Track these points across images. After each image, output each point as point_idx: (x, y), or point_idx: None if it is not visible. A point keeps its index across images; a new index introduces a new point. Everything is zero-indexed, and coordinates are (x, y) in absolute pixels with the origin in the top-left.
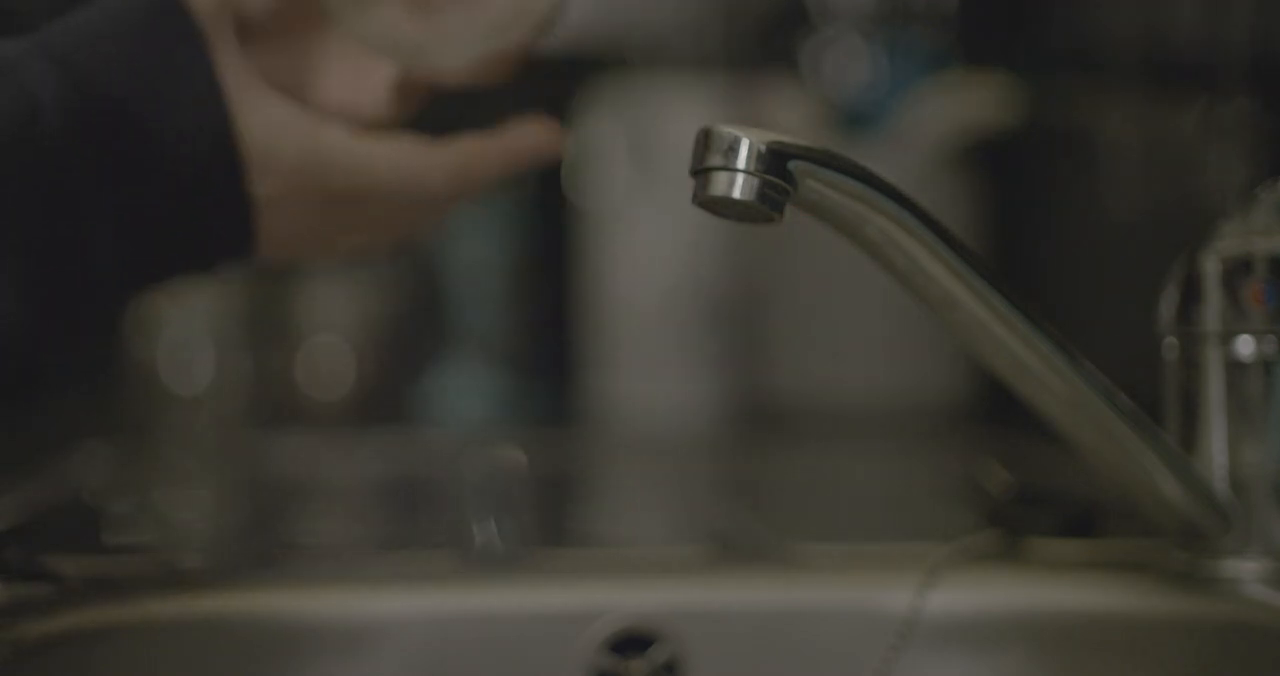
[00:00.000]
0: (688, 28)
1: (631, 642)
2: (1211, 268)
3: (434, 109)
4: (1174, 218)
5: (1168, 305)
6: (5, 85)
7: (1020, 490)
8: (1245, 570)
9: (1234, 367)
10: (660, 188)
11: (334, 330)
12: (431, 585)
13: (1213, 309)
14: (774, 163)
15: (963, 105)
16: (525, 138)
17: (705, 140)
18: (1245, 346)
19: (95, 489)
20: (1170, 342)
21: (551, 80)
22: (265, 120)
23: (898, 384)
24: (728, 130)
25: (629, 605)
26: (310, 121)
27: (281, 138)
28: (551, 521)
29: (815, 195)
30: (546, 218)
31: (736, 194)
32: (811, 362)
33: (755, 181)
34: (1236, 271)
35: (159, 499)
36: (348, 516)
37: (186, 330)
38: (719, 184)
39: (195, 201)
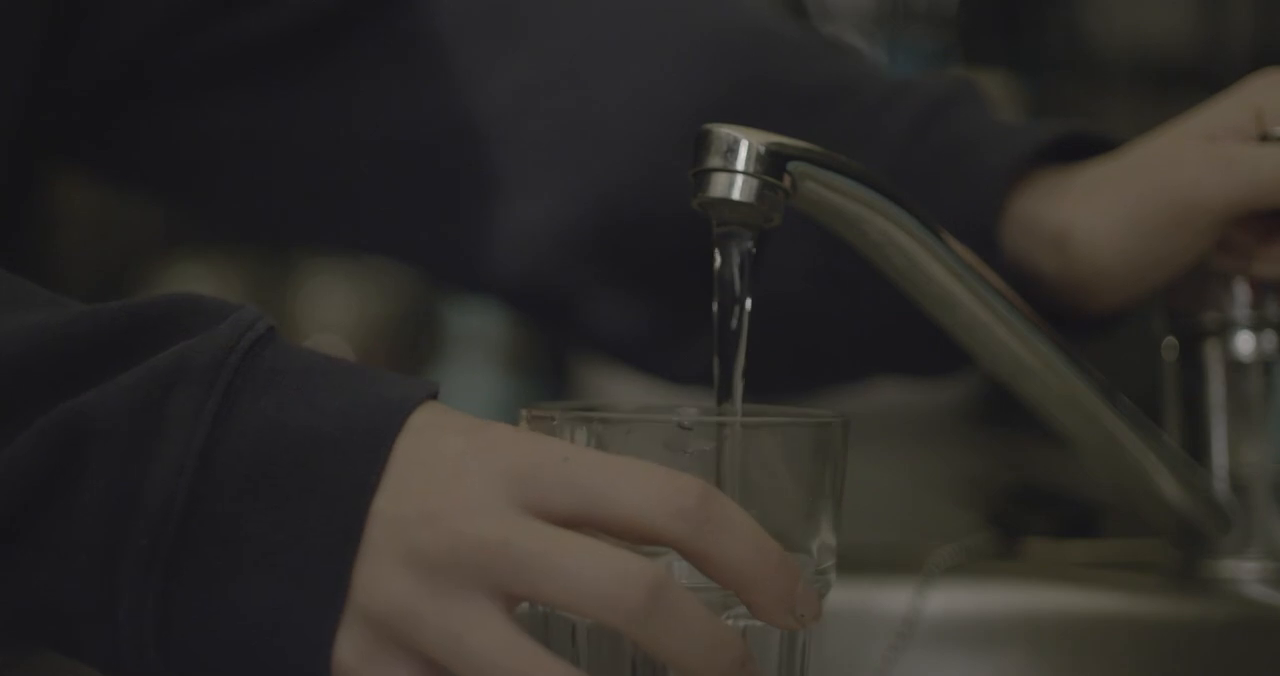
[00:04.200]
0: None
1: None
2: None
3: None
4: None
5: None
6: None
7: (1020, 490)
8: (1245, 570)
9: (1234, 367)
10: None
11: (334, 330)
12: None
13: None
14: (773, 163)
15: None
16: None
17: (704, 140)
18: (1245, 345)
19: None
20: (1170, 342)
21: None
22: None
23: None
24: (727, 130)
25: None
26: None
27: None
28: None
29: (815, 196)
30: None
31: (736, 195)
32: None
33: (754, 182)
34: None
35: None
36: None
37: None
38: (718, 185)
39: None
